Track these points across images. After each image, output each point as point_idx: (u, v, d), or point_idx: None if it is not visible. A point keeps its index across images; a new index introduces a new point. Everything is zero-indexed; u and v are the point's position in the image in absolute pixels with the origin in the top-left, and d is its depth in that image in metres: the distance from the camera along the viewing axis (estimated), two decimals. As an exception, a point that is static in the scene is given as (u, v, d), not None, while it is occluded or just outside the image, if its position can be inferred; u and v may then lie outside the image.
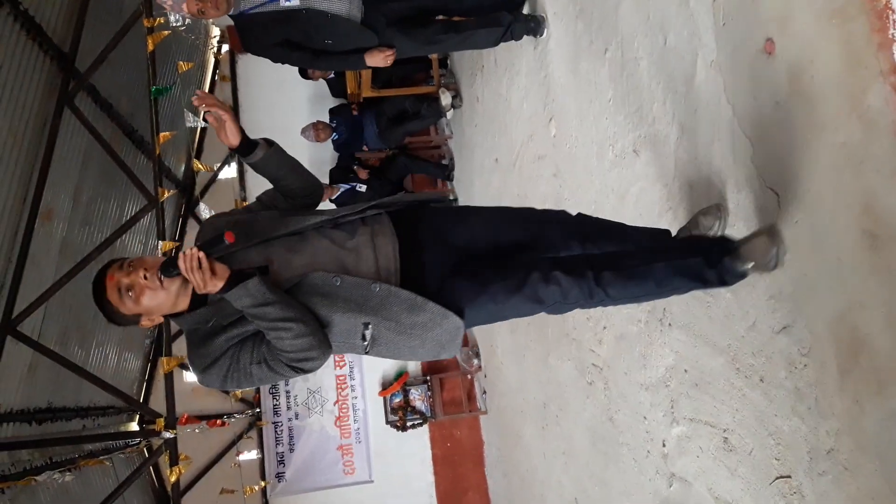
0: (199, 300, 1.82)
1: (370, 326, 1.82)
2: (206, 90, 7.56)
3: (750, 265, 1.89)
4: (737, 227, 2.14)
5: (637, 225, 2.31)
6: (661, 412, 2.80)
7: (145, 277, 1.72)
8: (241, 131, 1.96)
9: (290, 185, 2.05)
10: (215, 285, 1.69)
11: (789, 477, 2.02)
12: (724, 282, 1.93)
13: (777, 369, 2.01)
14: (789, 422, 1.98)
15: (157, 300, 1.76)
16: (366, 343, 1.85)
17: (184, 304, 1.83)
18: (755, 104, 1.98)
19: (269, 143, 2.01)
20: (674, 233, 2.28)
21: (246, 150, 1.97)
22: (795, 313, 1.91)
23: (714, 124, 2.21)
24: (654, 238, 2.23)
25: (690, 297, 2.46)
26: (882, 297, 1.57)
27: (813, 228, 1.79)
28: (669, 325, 2.66)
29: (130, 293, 1.73)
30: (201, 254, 1.66)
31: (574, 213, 2.24)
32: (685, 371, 2.56)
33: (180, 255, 1.67)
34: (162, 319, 1.87)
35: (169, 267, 1.71)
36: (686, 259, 1.91)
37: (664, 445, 2.81)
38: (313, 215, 1.96)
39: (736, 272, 1.90)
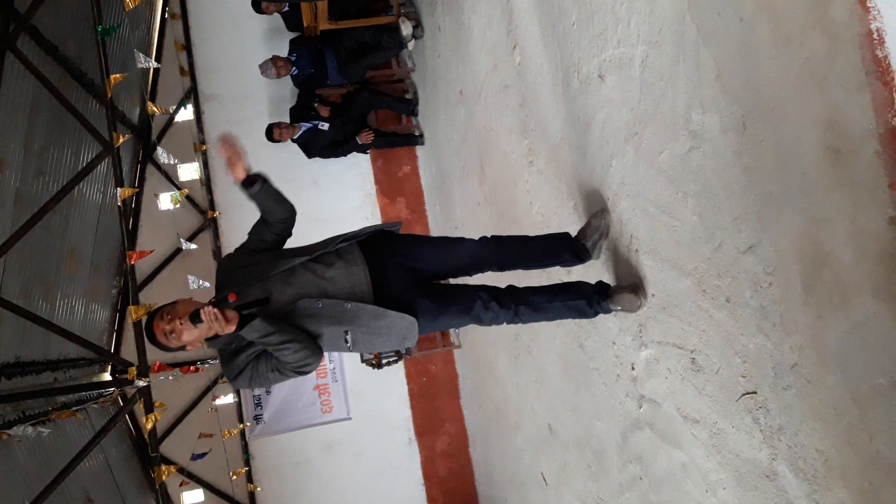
0: None
1: (349, 332, 2.50)
2: (157, 29, 7.27)
3: (619, 308, 2.71)
4: (702, 149, 2.12)
5: (538, 234, 2.96)
6: (629, 336, 2.84)
7: (181, 323, 2.33)
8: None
9: (277, 216, 2.65)
10: (230, 328, 2.31)
11: (755, 393, 2.07)
12: (598, 314, 2.77)
13: (743, 289, 2.04)
14: (755, 339, 2.02)
15: (192, 336, 2.37)
16: (348, 344, 2.52)
17: (212, 332, 2.38)
18: (720, 21, 1.94)
19: (264, 179, 2.59)
20: (573, 233, 2.89)
21: (248, 183, 2.57)
22: (761, 233, 1.92)
23: (679, 44, 2.17)
24: (554, 242, 2.87)
25: (657, 221, 2.47)
26: (845, 211, 1.58)
27: (778, 146, 1.78)
28: (636, 251, 2.67)
29: (173, 335, 2.36)
30: (215, 310, 2.27)
31: (489, 235, 2.88)
32: (653, 295, 2.59)
33: (201, 311, 2.28)
34: (201, 345, 2.46)
35: (195, 318, 2.31)
36: (575, 301, 2.73)
37: (633, 369, 2.86)
38: (298, 255, 2.56)
39: (608, 310, 2.75)
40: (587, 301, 2.72)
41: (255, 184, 2.57)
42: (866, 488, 1.70)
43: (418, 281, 2.69)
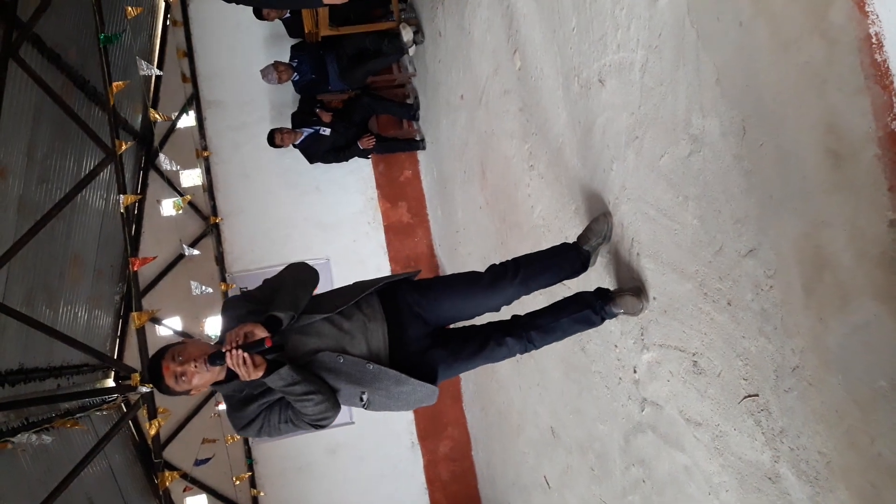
0: (232, 371, 2.27)
1: (366, 394, 2.39)
2: (159, 36, 7.30)
3: (621, 311, 2.69)
4: (703, 153, 2.13)
5: (538, 250, 2.86)
6: (631, 340, 2.85)
7: (195, 366, 2.19)
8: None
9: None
10: (258, 374, 2.18)
11: (757, 395, 2.07)
12: (604, 320, 2.73)
13: (744, 292, 2.04)
14: (756, 342, 2.03)
15: (203, 380, 2.24)
16: (363, 403, 2.42)
17: (221, 376, 2.30)
18: (719, 26, 1.95)
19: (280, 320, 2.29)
20: (572, 240, 2.83)
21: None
22: (761, 236, 1.93)
23: (678, 49, 2.19)
24: (556, 253, 2.78)
25: (658, 225, 2.48)
26: (845, 214, 1.59)
27: (778, 150, 1.79)
28: (638, 254, 2.68)
29: (184, 378, 2.20)
30: (245, 354, 2.13)
31: (512, 280, 2.69)
32: (654, 298, 2.59)
33: (227, 354, 2.14)
34: (207, 389, 2.37)
35: (216, 359, 2.17)
36: (581, 311, 2.69)
37: (635, 372, 2.87)
38: (317, 311, 2.39)
39: (612, 314, 2.72)
40: (592, 309, 2.69)
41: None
42: (868, 490, 1.71)
43: (434, 331, 2.61)
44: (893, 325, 1.53)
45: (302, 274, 2.49)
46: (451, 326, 2.72)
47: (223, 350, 2.17)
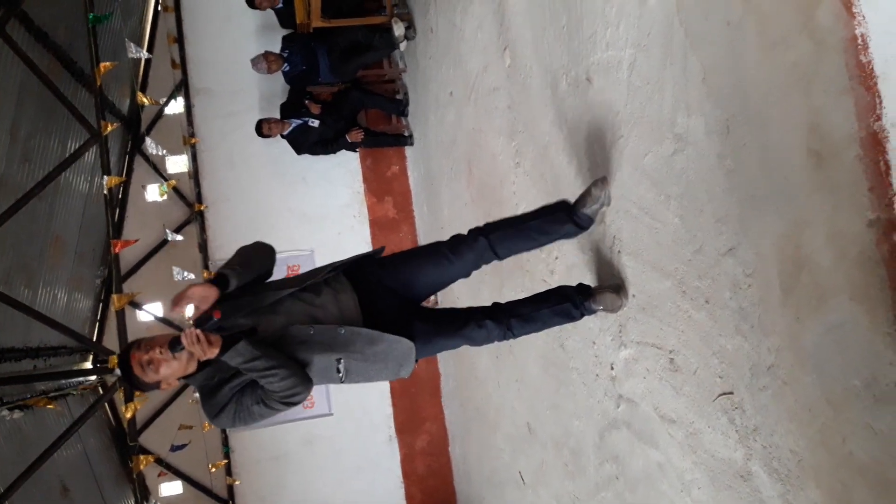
0: (204, 363, 2.28)
1: (342, 360, 2.35)
2: (150, 20, 7.25)
3: (601, 308, 2.71)
4: (687, 152, 2.15)
5: (533, 211, 2.70)
6: (609, 336, 2.86)
7: (160, 352, 2.18)
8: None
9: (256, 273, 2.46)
10: (213, 352, 2.16)
11: (731, 393, 2.09)
12: (584, 315, 2.73)
13: (722, 290, 2.06)
14: (733, 341, 2.05)
15: (171, 369, 2.21)
16: (340, 374, 2.38)
17: (192, 368, 2.28)
18: (707, 25, 1.97)
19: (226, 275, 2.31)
20: (572, 200, 2.66)
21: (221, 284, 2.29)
22: (741, 235, 1.95)
23: (666, 47, 2.20)
24: (553, 216, 2.63)
25: (640, 223, 2.49)
26: (825, 214, 1.61)
27: (761, 149, 1.81)
28: (619, 252, 2.69)
29: (151, 366, 2.19)
30: (198, 331, 2.12)
31: (482, 225, 2.66)
32: (633, 296, 2.61)
33: (182, 335, 2.14)
34: (178, 384, 2.33)
35: (175, 344, 2.16)
36: (561, 304, 2.69)
37: (612, 368, 2.89)
38: (284, 288, 2.39)
39: (591, 310, 2.73)
40: (572, 303, 2.70)
41: (227, 280, 2.31)
42: (838, 489, 1.73)
43: (408, 304, 2.61)
44: (869, 325, 1.55)
45: (253, 245, 2.53)
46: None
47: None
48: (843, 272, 1.60)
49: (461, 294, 5.13)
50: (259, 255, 2.49)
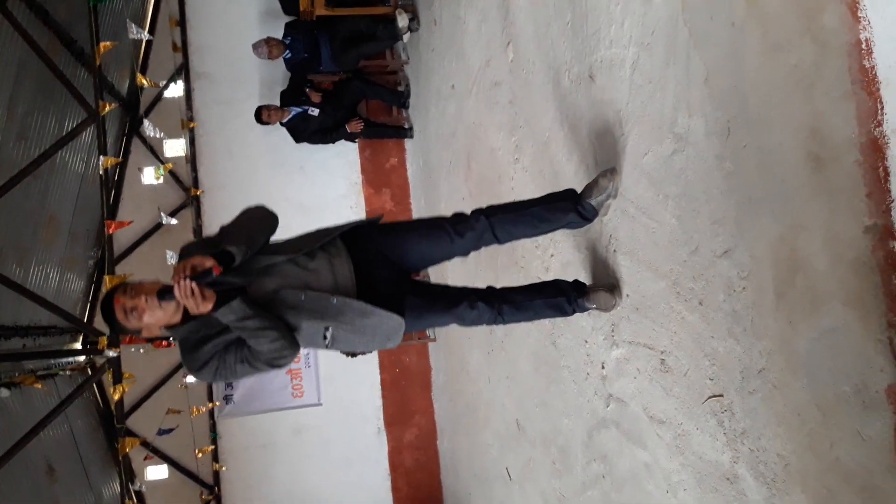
0: (189, 314, 2.18)
1: (329, 329, 2.31)
2: (152, 2, 7.20)
3: (594, 306, 2.71)
4: (686, 152, 2.14)
5: (538, 197, 2.64)
6: (601, 336, 2.86)
7: (146, 301, 2.10)
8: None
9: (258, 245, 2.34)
10: (206, 307, 2.09)
11: (721, 396, 2.09)
12: (576, 312, 2.74)
13: (716, 293, 2.06)
14: (725, 343, 2.04)
15: (155, 318, 2.14)
16: (326, 341, 2.34)
17: (177, 318, 2.20)
18: (711, 25, 1.96)
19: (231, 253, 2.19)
20: (579, 190, 2.62)
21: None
22: (738, 237, 1.94)
23: (670, 47, 2.19)
24: (557, 204, 2.59)
25: (636, 222, 2.48)
26: (822, 219, 1.60)
27: (760, 152, 1.80)
28: (614, 251, 2.69)
29: (134, 313, 2.11)
30: (194, 284, 2.04)
31: (483, 207, 2.60)
32: (627, 295, 2.61)
33: (175, 285, 2.04)
34: (159, 332, 2.23)
35: (165, 294, 2.08)
36: (555, 298, 2.69)
37: (603, 368, 2.88)
38: (280, 253, 2.34)
39: (584, 308, 2.73)
40: (566, 298, 2.69)
41: (231, 257, 2.20)
42: (824, 494, 1.73)
43: (403, 275, 2.58)
44: (861, 331, 1.54)
45: (258, 214, 2.43)
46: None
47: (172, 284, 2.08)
48: (838, 277, 1.59)
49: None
50: (263, 231, 2.40)
